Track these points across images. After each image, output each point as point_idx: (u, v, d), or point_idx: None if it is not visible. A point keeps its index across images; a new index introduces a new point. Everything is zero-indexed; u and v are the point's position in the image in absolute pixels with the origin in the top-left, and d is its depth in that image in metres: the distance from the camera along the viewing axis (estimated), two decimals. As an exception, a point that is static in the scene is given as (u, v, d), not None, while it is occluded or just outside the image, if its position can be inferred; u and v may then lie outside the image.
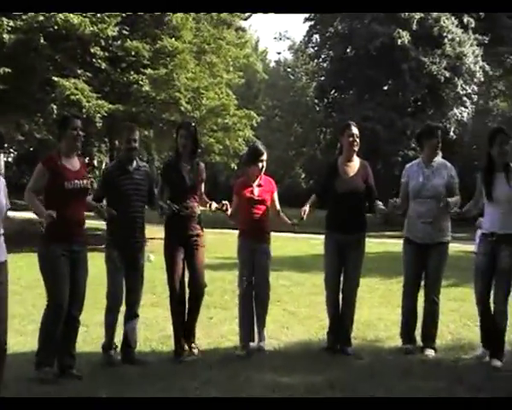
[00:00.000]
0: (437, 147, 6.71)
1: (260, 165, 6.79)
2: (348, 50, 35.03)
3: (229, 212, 6.59)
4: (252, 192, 6.79)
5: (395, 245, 15.50)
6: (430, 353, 6.49)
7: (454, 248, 15.52)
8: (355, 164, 6.79)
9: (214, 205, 6.58)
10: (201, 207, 6.69)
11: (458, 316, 8.22)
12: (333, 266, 6.74)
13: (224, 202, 6.55)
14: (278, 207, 7.08)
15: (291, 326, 7.81)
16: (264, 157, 6.81)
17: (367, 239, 6.92)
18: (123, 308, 6.36)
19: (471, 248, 16.10)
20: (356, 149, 6.75)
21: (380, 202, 6.66)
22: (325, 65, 38.60)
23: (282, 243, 6.64)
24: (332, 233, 6.75)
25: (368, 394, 5.09)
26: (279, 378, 5.67)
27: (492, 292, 6.27)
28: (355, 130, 6.74)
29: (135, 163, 6.40)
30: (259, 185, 6.84)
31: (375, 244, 11.47)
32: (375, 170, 26.73)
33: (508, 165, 6.32)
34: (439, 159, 6.81)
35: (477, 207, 6.63)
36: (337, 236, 6.68)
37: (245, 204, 6.82)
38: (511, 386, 5.24)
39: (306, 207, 6.75)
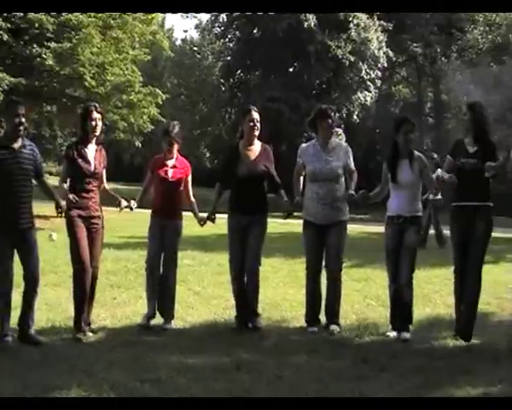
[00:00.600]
0: (331, 127, 6.75)
1: (169, 142, 6.72)
2: (255, 31, 35.04)
3: (134, 207, 6.63)
4: (166, 173, 6.78)
5: (299, 226, 15.63)
6: (335, 328, 6.54)
7: (357, 229, 15.99)
8: (256, 148, 6.82)
9: (124, 204, 6.57)
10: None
11: (362, 296, 8.34)
12: (235, 246, 6.77)
13: (132, 202, 6.62)
14: (191, 193, 7.07)
15: (196, 306, 7.71)
16: (174, 134, 6.77)
17: (271, 219, 6.93)
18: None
19: (373, 229, 16.57)
20: (256, 133, 6.77)
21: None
22: (231, 45, 38.50)
23: (186, 223, 6.56)
24: (234, 214, 6.80)
25: (274, 373, 5.06)
26: (185, 359, 5.56)
27: None
28: (255, 115, 6.75)
29: (20, 141, 5.99)
30: (174, 166, 6.81)
31: (279, 224, 11.51)
32: (280, 151, 27.03)
33: (412, 152, 6.51)
34: (334, 140, 6.89)
35: (383, 191, 6.76)
36: (239, 217, 6.73)
37: (158, 183, 6.83)
38: (415, 364, 5.33)
39: (215, 205, 6.94)
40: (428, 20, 35.85)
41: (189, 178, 7.03)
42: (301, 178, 6.90)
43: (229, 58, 38.26)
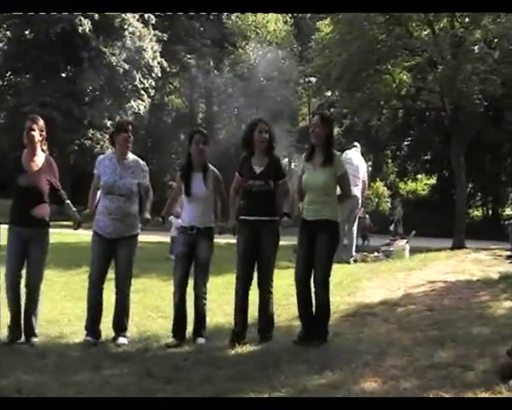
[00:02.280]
0: (127, 141, 6.67)
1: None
2: (27, 33, 33.50)
3: None
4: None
5: (71, 236, 15.22)
6: (123, 341, 6.46)
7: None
8: (40, 159, 6.55)
9: None
10: None
11: (142, 308, 8.26)
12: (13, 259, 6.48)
13: None
14: None
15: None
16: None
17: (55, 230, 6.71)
18: None
19: (153, 238, 16.61)
20: (37, 145, 6.48)
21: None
22: (1, 45, 36.47)
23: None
24: (14, 226, 6.47)
25: (58, 395, 4.82)
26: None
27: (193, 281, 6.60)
28: (37, 124, 6.48)
29: None
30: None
31: (62, 236, 11.06)
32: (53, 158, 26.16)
33: (206, 165, 6.62)
34: (132, 156, 6.79)
35: (176, 201, 6.95)
36: (19, 229, 6.42)
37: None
38: (201, 374, 5.36)
39: None
40: (202, 33, 36.77)
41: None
42: (98, 191, 6.74)
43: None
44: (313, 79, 32.26)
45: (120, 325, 6.65)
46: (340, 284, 9.42)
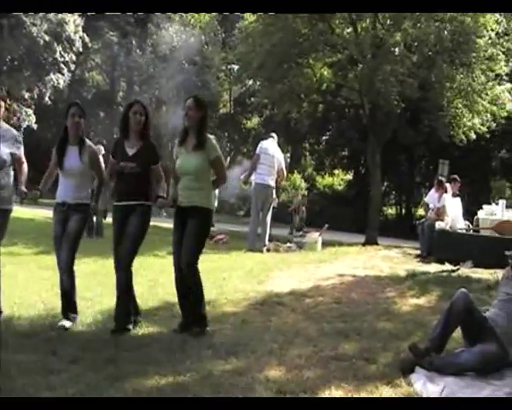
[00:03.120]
0: None
1: None
2: None
3: None
4: None
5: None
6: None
7: (47, 214, 15.39)
8: None
9: None
10: None
11: (50, 285, 8.01)
12: None
13: None
14: None
15: None
16: None
17: None
18: None
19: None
20: None
21: None
22: None
23: None
24: None
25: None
26: None
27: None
28: None
29: None
30: None
31: None
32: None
33: (83, 140, 6.41)
34: (5, 125, 6.53)
35: (52, 176, 6.57)
36: None
37: None
38: (106, 355, 5.26)
39: None
40: (126, 11, 36.12)
41: None
42: None
43: None
44: (235, 67, 32.39)
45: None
46: (250, 272, 9.50)
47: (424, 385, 4.80)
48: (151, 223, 6.50)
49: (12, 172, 6.49)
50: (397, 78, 16.67)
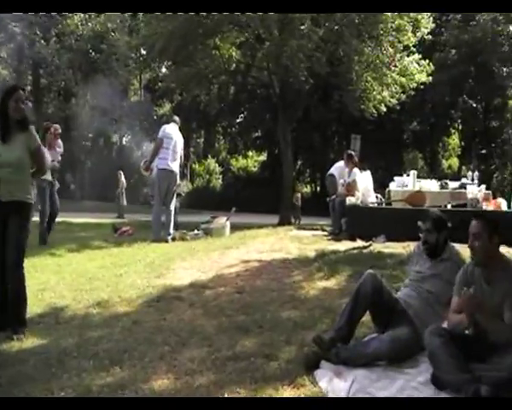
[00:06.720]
0: None
1: None
2: None
3: None
4: None
5: None
6: None
7: None
8: None
9: None
10: None
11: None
12: None
13: None
14: None
15: None
16: None
17: None
18: None
19: None
20: None
21: None
22: None
23: None
24: None
25: None
26: None
27: None
28: None
29: None
30: None
31: None
32: None
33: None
34: None
35: None
36: None
37: None
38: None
39: None
40: (29, 1, 34.59)
41: None
42: None
43: None
44: (144, 53, 31.57)
45: None
46: (151, 264, 8.82)
47: (330, 382, 4.26)
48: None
49: None
50: (304, 53, 16.35)
